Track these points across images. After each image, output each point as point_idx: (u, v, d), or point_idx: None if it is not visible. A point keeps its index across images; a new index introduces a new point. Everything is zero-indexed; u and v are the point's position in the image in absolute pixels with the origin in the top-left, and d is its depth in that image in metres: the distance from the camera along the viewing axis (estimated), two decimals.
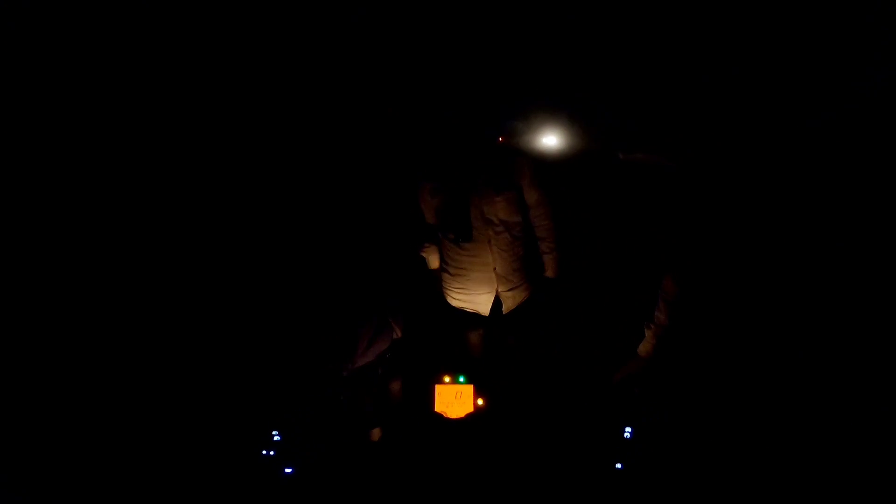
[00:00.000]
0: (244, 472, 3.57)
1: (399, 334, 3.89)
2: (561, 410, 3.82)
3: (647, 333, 3.63)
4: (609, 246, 4.58)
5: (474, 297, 3.94)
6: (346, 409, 3.77)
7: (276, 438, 3.63)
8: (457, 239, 3.81)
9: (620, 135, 4.58)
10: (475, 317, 3.98)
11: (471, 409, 3.69)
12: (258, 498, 3.50)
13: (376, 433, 3.81)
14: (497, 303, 3.94)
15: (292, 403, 3.70)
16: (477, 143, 3.76)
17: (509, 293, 3.92)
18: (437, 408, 3.73)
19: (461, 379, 3.72)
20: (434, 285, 4.05)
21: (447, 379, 3.74)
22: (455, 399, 3.72)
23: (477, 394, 3.70)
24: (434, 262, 4.00)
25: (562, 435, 3.64)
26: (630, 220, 4.55)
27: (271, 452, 3.59)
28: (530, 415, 3.79)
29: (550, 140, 4.59)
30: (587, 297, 4.45)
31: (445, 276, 3.98)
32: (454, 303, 4.00)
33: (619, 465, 3.40)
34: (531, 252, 3.94)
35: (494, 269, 3.85)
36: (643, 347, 3.65)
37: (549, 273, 3.93)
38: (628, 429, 3.48)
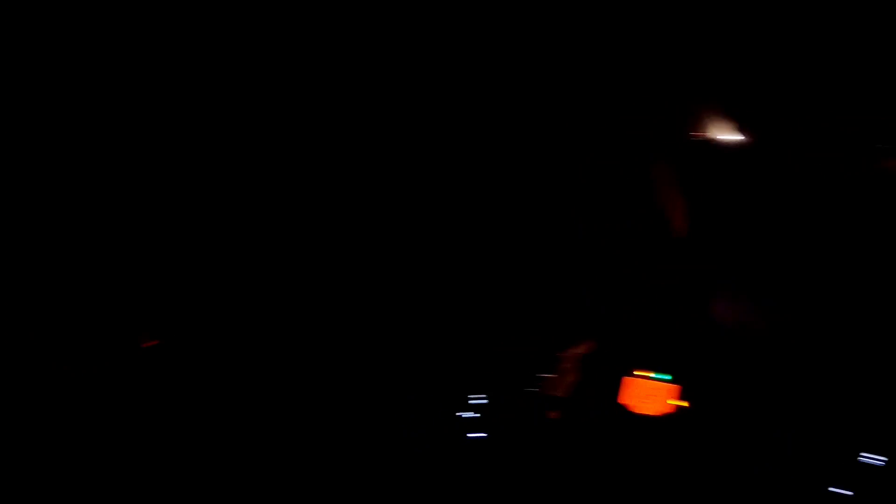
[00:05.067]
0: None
1: None
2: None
3: None
4: None
5: None
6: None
7: (482, 402, 3.44)
8: None
9: None
10: None
11: (665, 408, 3.31)
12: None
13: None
14: None
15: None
16: None
17: None
18: (624, 399, 3.37)
19: (662, 377, 3.33)
20: None
21: (643, 373, 3.36)
22: (648, 396, 3.34)
23: (677, 395, 3.31)
24: None
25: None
26: None
27: (475, 414, 3.46)
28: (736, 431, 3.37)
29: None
30: None
31: None
32: None
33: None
34: None
35: None
36: None
37: None
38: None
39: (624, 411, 3.39)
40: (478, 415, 3.49)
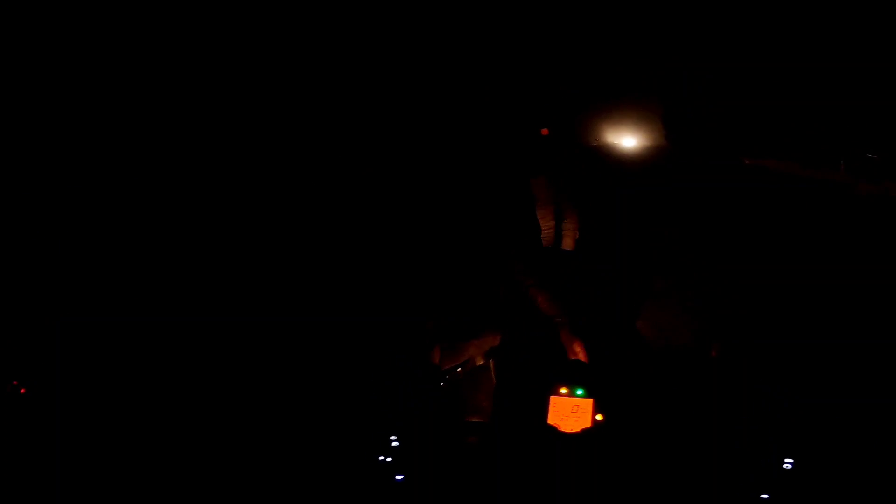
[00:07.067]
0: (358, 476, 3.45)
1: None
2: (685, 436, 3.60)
3: None
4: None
5: None
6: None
7: (393, 444, 3.50)
8: None
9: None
10: None
11: (588, 424, 3.50)
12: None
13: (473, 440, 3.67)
14: None
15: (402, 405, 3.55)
16: None
17: None
18: (551, 420, 3.54)
19: (579, 392, 3.50)
20: None
21: (563, 391, 3.53)
22: (571, 413, 3.52)
23: (596, 409, 3.49)
24: None
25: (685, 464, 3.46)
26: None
27: (388, 459, 3.46)
28: (652, 438, 3.58)
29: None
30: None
31: None
32: None
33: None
34: None
35: None
36: None
37: None
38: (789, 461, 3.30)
39: (553, 432, 3.56)
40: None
